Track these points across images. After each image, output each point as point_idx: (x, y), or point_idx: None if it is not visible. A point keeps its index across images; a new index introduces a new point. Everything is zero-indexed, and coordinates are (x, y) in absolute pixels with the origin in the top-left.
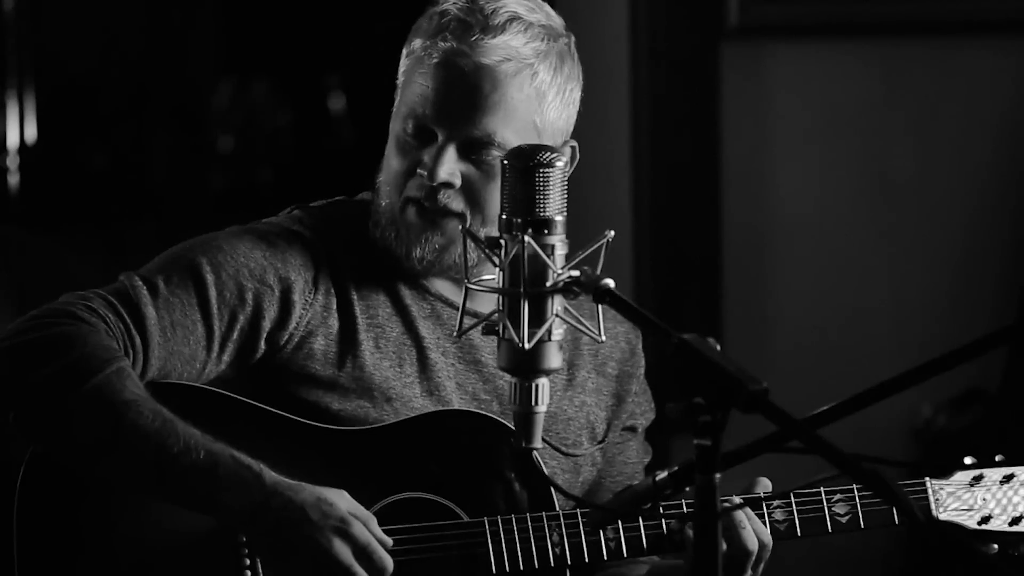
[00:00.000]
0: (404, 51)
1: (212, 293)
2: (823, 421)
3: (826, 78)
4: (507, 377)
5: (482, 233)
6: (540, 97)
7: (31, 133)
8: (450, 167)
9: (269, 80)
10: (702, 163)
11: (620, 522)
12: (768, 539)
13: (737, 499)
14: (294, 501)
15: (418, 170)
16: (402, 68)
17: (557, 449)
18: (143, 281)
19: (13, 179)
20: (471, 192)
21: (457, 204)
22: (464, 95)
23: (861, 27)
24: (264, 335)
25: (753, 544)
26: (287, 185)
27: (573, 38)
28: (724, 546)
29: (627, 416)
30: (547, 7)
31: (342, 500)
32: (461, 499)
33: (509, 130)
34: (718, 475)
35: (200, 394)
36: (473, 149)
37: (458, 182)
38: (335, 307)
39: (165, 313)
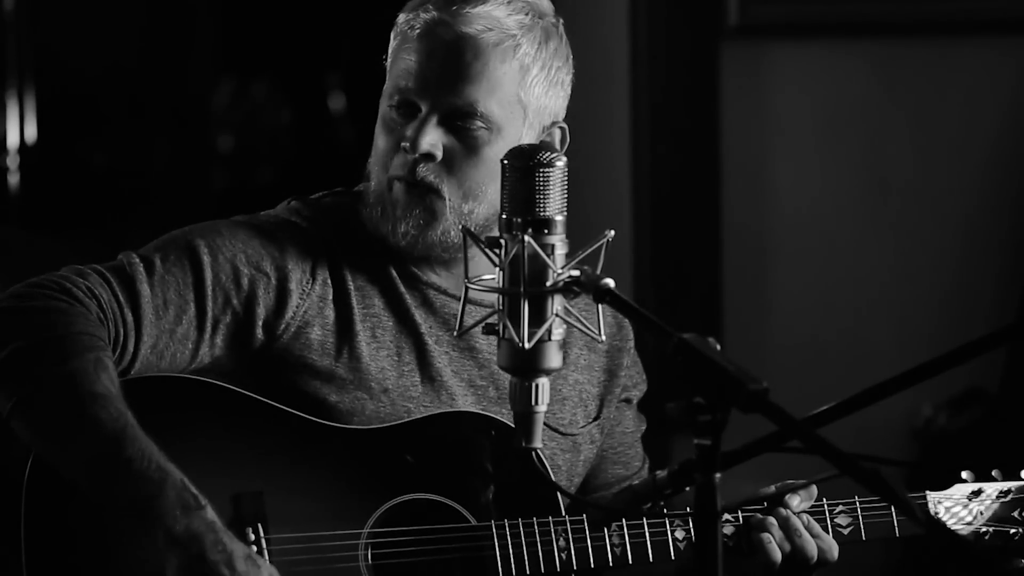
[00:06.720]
0: (392, 33)
1: (208, 274)
2: (823, 421)
3: (826, 78)
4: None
5: (465, 208)
6: (524, 71)
7: (31, 133)
8: (432, 138)
9: (269, 80)
10: (702, 163)
11: (622, 521)
12: (829, 545)
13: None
14: (226, 545)
15: (401, 144)
16: (390, 49)
17: (555, 430)
18: (141, 260)
19: (13, 179)
20: (451, 165)
21: (438, 178)
22: (446, 64)
23: (861, 27)
24: (260, 322)
25: (812, 550)
26: (287, 185)
27: (562, 22)
28: (780, 554)
29: (621, 390)
30: None
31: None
32: (468, 501)
33: (492, 101)
34: (718, 475)
35: (203, 388)
36: (455, 119)
37: (439, 154)
38: (331, 297)
39: (159, 291)
